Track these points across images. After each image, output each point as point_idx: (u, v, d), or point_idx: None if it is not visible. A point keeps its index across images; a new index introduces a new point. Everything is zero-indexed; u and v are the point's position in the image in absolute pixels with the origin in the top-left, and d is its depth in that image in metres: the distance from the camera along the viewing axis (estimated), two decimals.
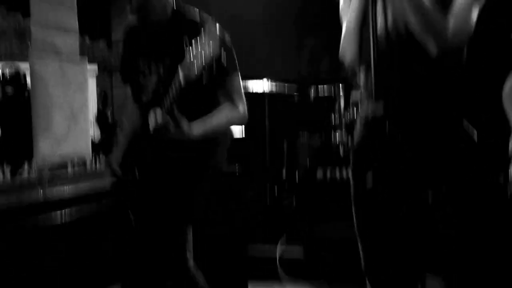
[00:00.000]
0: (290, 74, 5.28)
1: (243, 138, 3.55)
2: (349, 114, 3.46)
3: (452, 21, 1.26)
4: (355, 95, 3.44)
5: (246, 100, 1.93)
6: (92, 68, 3.98)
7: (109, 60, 4.27)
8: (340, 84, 3.53)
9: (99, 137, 3.95)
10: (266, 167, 3.85)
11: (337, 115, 3.54)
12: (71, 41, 2.85)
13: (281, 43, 5.11)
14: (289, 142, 3.88)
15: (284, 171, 3.90)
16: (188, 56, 1.59)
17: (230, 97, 1.86)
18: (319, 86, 3.73)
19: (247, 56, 4.61)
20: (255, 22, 4.74)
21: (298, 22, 5.26)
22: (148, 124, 1.75)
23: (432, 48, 1.27)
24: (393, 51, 1.33)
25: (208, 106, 1.87)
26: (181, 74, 1.61)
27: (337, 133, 3.48)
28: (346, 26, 1.39)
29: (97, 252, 2.82)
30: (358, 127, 1.51)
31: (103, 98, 4.20)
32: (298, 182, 3.50)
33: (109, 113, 4.19)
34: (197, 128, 1.76)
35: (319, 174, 3.24)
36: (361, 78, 1.47)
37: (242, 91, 1.92)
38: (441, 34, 1.26)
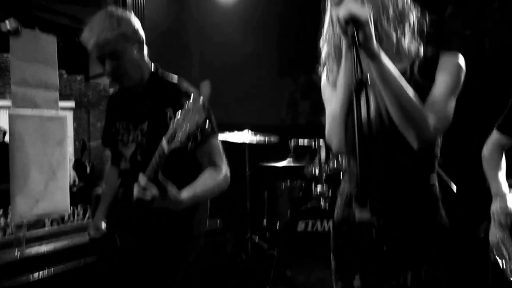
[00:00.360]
0: (270, 119, 5.37)
1: (225, 191, 3.54)
2: (329, 166, 3.51)
3: (431, 115, 1.32)
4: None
5: (227, 150, 1.94)
6: (69, 105, 3.95)
7: (86, 95, 4.24)
8: (321, 139, 3.59)
9: (77, 185, 3.88)
10: (246, 217, 3.84)
11: (317, 167, 3.58)
12: (51, 98, 2.84)
13: (261, 88, 5.22)
14: (270, 192, 3.90)
15: (265, 221, 3.89)
16: (172, 127, 1.59)
17: (212, 160, 1.87)
18: (299, 139, 3.78)
19: (226, 102, 4.72)
20: (235, 68, 4.84)
21: (277, 67, 5.41)
22: (129, 191, 1.71)
23: (413, 141, 1.33)
24: (376, 141, 1.38)
25: (190, 171, 1.86)
26: (165, 145, 1.59)
27: (318, 186, 3.50)
28: (332, 113, 1.42)
29: None
30: (338, 204, 1.56)
31: (82, 147, 4.15)
32: (279, 233, 3.50)
33: (87, 162, 4.14)
34: (187, 195, 1.70)
35: (300, 226, 3.25)
36: (345, 162, 1.52)
37: (223, 152, 1.93)
38: (422, 128, 1.31)
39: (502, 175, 2.17)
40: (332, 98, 1.44)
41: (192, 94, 1.56)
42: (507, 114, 2.15)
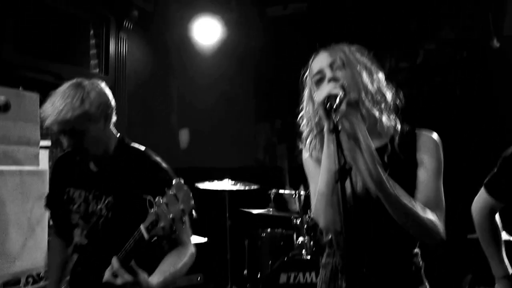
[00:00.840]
0: (248, 162, 5.42)
1: (205, 242, 3.53)
2: (310, 218, 3.52)
3: (435, 219, 1.40)
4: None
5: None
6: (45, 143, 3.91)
7: None
8: (301, 185, 3.63)
9: None
10: (227, 268, 3.80)
11: (298, 219, 3.59)
12: (32, 153, 2.82)
13: (239, 133, 5.28)
14: (250, 241, 3.87)
15: (245, 271, 3.85)
16: (154, 214, 1.54)
17: (180, 239, 1.83)
18: (279, 189, 3.81)
19: (205, 147, 4.75)
20: (214, 113, 4.91)
21: (254, 112, 5.50)
22: (90, 270, 1.72)
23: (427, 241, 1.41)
24: (360, 219, 1.43)
25: (154, 250, 1.80)
26: (145, 232, 1.55)
27: (299, 238, 3.50)
28: (318, 192, 1.43)
29: None
30: (323, 277, 1.59)
31: None
32: (260, 284, 3.46)
33: None
34: (157, 281, 1.67)
35: (283, 278, 3.24)
36: (331, 237, 1.57)
37: (190, 227, 1.89)
38: (434, 236, 1.38)
39: (501, 250, 1.98)
40: (316, 173, 1.47)
41: (175, 181, 1.52)
42: (497, 177, 1.98)
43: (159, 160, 1.90)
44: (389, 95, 1.52)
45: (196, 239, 3.47)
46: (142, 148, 1.93)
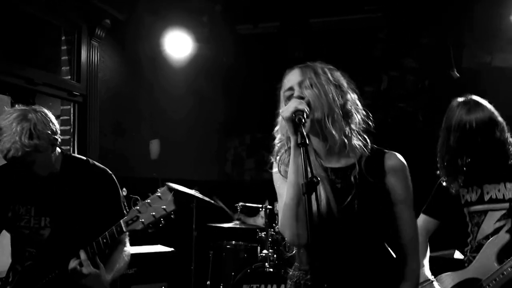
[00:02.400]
0: (216, 176, 5.46)
1: (171, 251, 3.53)
2: (275, 230, 3.59)
3: (406, 238, 1.54)
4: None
5: (176, 210, 1.99)
6: None
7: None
8: (266, 200, 3.70)
9: None
10: (190, 278, 3.80)
11: (263, 233, 3.65)
12: None
13: (208, 147, 5.33)
14: (215, 252, 3.90)
15: (208, 282, 3.85)
16: (135, 210, 1.72)
17: (123, 239, 2.03)
18: (247, 203, 3.87)
19: (174, 160, 4.76)
20: (184, 126, 4.94)
21: (223, 127, 5.57)
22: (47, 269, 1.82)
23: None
24: (324, 233, 1.45)
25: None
26: (124, 226, 1.74)
27: (263, 251, 3.55)
28: (285, 204, 1.46)
29: None
30: (288, 285, 1.64)
31: None
32: None
33: None
34: (110, 278, 1.88)
35: None
36: (297, 252, 1.63)
37: None
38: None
39: (426, 261, 2.24)
40: (284, 188, 1.51)
41: (166, 185, 1.71)
42: (433, 199, 2.28)
43: (104, 167, 2.06)
44: (358, 116, 1.56)
45: (162, 248, 3.49)
46: (84, 158, 2.06)
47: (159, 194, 1.71)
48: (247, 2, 4.62)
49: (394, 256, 1.55)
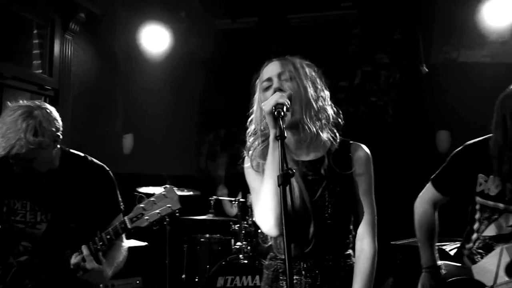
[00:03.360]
0: (190, 170, 5.46)
1: (146, 245, 3.54)
2: (248, 223, 3.63)
3: (368, 218, 1.64)
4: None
5: (181, 208, 2.05)
6: None
7: None
8: (240, 192, 3.73)
9: None
10: (165, 272, 3.81)
11: (237, 225, 3.68)
12: None
13: (182, 141, 5.33)
14: (189, 246, 3.92)
15: (183, 276, 3.87)
16: (140, 208, 1.76)
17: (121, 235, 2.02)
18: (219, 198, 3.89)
19: (148, 154, 4.75)
20: (158, 121, 4.93)
21: (198, 121, 5.57)
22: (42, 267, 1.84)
23: None
24: (299, 223, 1.53)
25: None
26: (129, 223, 1.78)
27: (237, 243, 3.59)
28: (263, 197, 1.51)
29: None
30: (265, 278, 1.69)
31: None
32: None
33: None
34: (110, 272, 1.91)
35: (220, 282, 3.31)
36: (273, 241, 1.68)
37: None
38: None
39: (434, 243, 2.06)
40: (256, 182, 1.58)
41: (168, 185, 1.77)
42: (444, 173, 2.05)
43: (101, 164, 2.07)
44: (331, 112, 1.63)
45: (136, 243, 3.49)
46: (82, 154, 2.06)
47: (164, 192, 1.74)
48: None
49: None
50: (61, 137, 1.94)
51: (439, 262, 2.02)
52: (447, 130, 4.23)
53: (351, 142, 1.66)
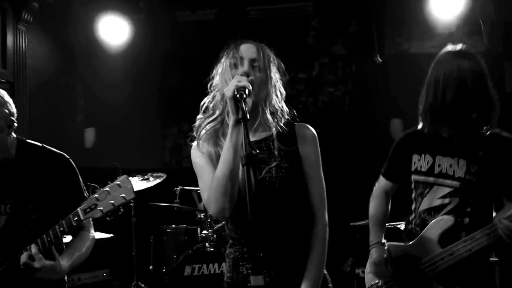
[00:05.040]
0: (154, 163, 5.44)
1: (111, 237, 3.53)
2: None
3: (316, 190, 1.68)
4: None
5: (136, 198, 2.04)
6: None
7: None
8: None
9: None
10: (132, 264, 3.82)
11: (203, 213, 3.74)
12: None
13: (145, 134, 5.29)
14: (156, 237, 3.93)
15: (151, 267, 3.89)
16: (92, 198, 1.72)
17: (84, 224, 1.97)
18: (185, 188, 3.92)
19: (111, 148, 4.69)
20: (119, 114, 4.87)
21: (161, 114, 5.54)
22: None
23: None
24: (260, 205, 1.49)
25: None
26: (82, 214, 1.73)
27: (203, 231, 3.65)
28: (217, 179, 1.51)
29: None
30: (227, 266, 1.71)
31: None
32: (166, 279, 3.54)
33: None
34: (66, 264, 1.85)
35: (187, 270, 3.36)
36: (229, 226, 1.69)
37: None
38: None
39: (383, 225, 2.20)
40: (206, 168, 1.60)
41: (124, 176, 1.72)
42: (389, 162, 2.21)
43: (62, 153, 2.03)
44: (285, 109, 1.68)
45: (101, 235, 3.48)
46: (39, 144, 2.02)
47: (118, 182, 1.72)
48: None
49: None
50: (16, 123, 1.91)
51: (384, 240, 2.16)
52: (400, 118, 4.45)
53: (296, 123, 1.70)
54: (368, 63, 4.56)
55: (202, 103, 1.70)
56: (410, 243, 2.06)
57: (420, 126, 2.05)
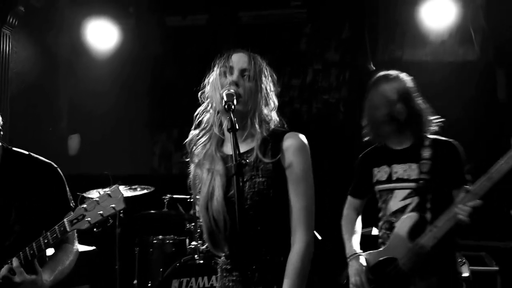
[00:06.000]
0: (143, 170, 5.32)
1: (93, 250, 3.39)
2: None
3: (297, 206, 1.57)
4: None
5: (126, 208, 1.99)
6: None
7: None
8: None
9: None
10: (115, 278, 3.67)
11: (192, 223, 3.60)
12: None
13: (133, 140, 5.18)
14: (141, 248, 3.79)
15: (135, 281, 3.74)
16: (81, 209, 1.67)
17: (67, 237, 1.89)
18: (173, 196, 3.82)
19: (97, 154, 4.58)
20: (106, 120, 4.76)
21: (150, 120, 5.44)
22: None
23: None
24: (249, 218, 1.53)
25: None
26: (68, 225, 1.68)
27: (192, 243, 3.50)
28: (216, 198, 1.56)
29: None
30: (219, 275, 1.68)
31: None
32: None
33: None
34: (48, 279, 1.80)
35: (174, 285, 3.22)
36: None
37: None
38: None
39: (356, 237, 2.39)
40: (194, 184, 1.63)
41: (115, 186, 1.70)
42: (354, 181, 2.47)
43: (48, 161, 1.97)
44: (275, 118, 1.64)
45: (82, 247, 3.33)
46: (26, 152, 1.96)
47: (109, 192, 1.68)
48: None
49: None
50: (1, 132, 1.86)
51: (360, 251, 2.32)
52: None
53: (286, 132, 1.62)
54: (362, 70, 4.51)
55: (195, 114, 1.68)
56: (383, 247, 2.25)
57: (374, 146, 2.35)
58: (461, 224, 2.04)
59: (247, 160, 1.50)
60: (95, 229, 1.70)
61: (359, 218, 2.47)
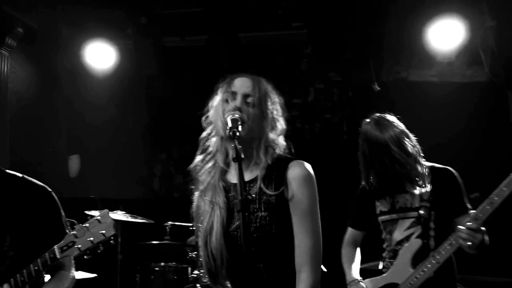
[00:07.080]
0: (143, 193, 5.23)
1: (94, 277, 3.28)
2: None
3: (302, 246, 1.52)
4: None
5: (116, 235, 1.94)
6: None
7: None
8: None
9: None
10: None
11: (194, 252, 3.53)
12: None
13: (133, 163, 5.11)
14: (142, 275, 3.68)
15: None
16: (70, 235, 1.63)
17: (63, 263, 1.84)
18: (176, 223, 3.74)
19: (97, 177, 4.49)
20: (106, 142, 4.70)
21: (149, 141, 5.38)
22: None
23: None
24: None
25: None
26: (58, 253, 1.64)
27: (194, 271, 3.43)
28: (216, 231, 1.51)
29: None
30: None
31: None
32: None
33: None
34: None
35: None
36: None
37: None
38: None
39: (355, 265, 2.43)
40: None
41: (104, 211, 1.64)
42: (354, 213, 2.48)
43: (43, 184, 1.92)
44: (281, 142, 1.58)
45: (83, 274, 3.23)
46: (19, 174, 1.91)
47: (98, 217, 1.62)
48: (174, 16, 4.52)
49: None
50: None
51: (359, 278, 2.34)
52: None
53: (292, 160, 1.54)
54: (365, 90, 4.47)
55: (200, 137, 1.62)
56: (386, 273, 2.27)
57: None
58: (469, 248, 2.02)
59: (253, 195, 1.45)
60: (85, 256, 1.67)
61: (358, 249, 2.48)
